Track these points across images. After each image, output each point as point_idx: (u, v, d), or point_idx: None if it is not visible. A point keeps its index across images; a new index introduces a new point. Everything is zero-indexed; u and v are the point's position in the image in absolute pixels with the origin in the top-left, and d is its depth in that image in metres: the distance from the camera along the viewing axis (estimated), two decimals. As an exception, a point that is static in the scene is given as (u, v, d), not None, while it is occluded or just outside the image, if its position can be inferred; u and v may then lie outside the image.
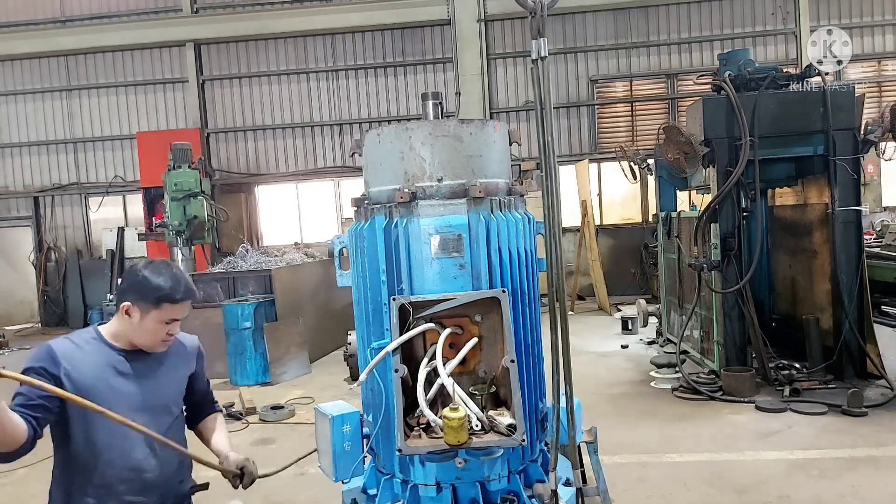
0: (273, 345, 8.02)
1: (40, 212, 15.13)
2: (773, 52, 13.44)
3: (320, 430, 2.77)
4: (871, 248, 7.99)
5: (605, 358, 8.27)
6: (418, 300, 2.47)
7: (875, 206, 13.26)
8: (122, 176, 14.79)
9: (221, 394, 7.65)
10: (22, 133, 15.10)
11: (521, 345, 2.61)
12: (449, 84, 13.86)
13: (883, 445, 4.94)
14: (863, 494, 4.17)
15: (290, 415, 6.55)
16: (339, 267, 2.99)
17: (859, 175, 6.43)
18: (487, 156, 2.62)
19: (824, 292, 6.74)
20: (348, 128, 14.42)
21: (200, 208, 10.34)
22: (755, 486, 4.36)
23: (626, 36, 13.69)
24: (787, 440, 5.16)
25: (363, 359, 2.83)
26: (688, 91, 13.39)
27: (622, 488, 4.39)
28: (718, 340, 6.73)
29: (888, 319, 8.54)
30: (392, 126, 2.61)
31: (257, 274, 8.87)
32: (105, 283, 13.90)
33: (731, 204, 6.56)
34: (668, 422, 5.73)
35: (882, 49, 13.46)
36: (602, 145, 13.89)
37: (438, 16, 13.65)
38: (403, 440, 2.31)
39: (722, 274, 6.57)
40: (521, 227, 2.68)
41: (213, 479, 2.69)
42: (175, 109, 14.74)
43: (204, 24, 14.27)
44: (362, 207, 2.77)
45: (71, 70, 14.84)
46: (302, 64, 14.36)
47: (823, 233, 6.69)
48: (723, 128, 6.53)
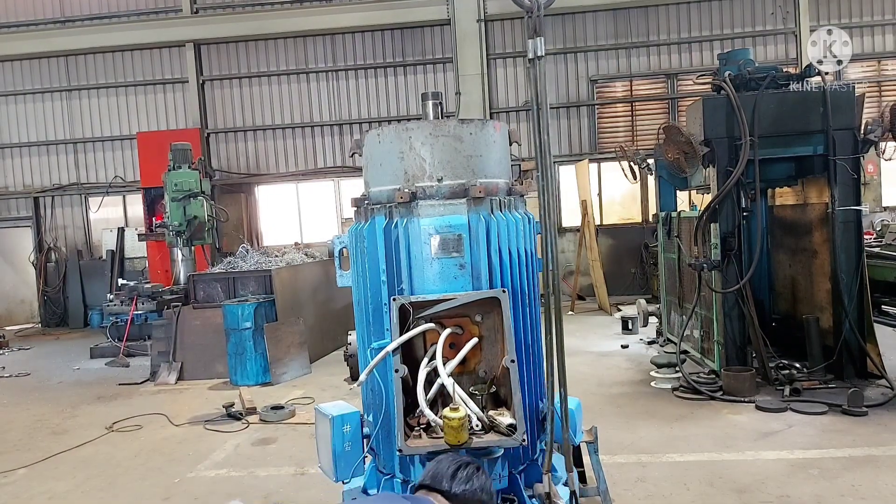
0: (273, 345, 8.02)
1: (40, 212, 15.13)
2: (773, 52, 13.44)
3: (321, 431, 2.77)
4: (871, 248, 7.98)
5: (605, 358, 8.27)
6: (418, 300, 2.47)
7: (875, 205, 13.26)
8: (122, 176, 14.79)
9: (221, 394, 7.66)
10: (22, 133, 15.10)
11: (521, 345, 2.61)
12: (449, 84, 13.86)
13: (883, 445, 4.93)
14: (863, 494, 4.17)
15: (290, 415, 6.55)
16: (340, 267, 2.99)
17: (859, 175, 6.42)
18: (487, 156, 2.63)
19: (824, 292, 6.74)
20: (348, 128, 14.42)
21: (200, 208, 10.34)
22: (755, 486, 4.36)
23: (625, 36, 13.68)
24: (788, 440, 5.15)
25: (363, 359, 2.83)
26: (688, 91, 13.39)
27: (622, 488, 4.39)
28: (718, 340, 6.73)
29: (888, 319, 8.53)
30: (392, 126, 2.61)
31: (257, 274, 8.87)
32: (105, 284, 13.90)
33: (731, 204, 6.55)
34: (668, 422, 5.73)
35: (882, 49, 13.46)
36: (602, 145, 13.89)
37: (438, 16, 13.64)
38: (404, 440, 2.31)
39: (722, 274, 6.57)
40: (521, 227, 2.69)
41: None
42: (175, 109, 14.74)
43: (204, 24, 14.27)
44: (362, 207, 2.77)
45: (71, 70, 14.84)
46: (302, 64, 14.36)
47: (823, 232, 6.69)
48: (723, 128, 6.53)
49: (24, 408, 7.64)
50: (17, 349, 11.79)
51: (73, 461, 5.70)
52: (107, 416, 6.96)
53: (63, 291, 14.73)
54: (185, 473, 5.17)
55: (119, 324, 10.38)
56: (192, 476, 5.10)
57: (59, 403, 7.71)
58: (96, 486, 5.10)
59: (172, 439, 6.14)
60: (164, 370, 8.45)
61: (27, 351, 11.65)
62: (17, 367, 10.08)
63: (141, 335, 10.22)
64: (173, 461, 5.51)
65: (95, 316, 13.71)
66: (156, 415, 6.90)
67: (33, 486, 5.20)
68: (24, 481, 5.32)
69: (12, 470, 5.56)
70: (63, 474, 5.40)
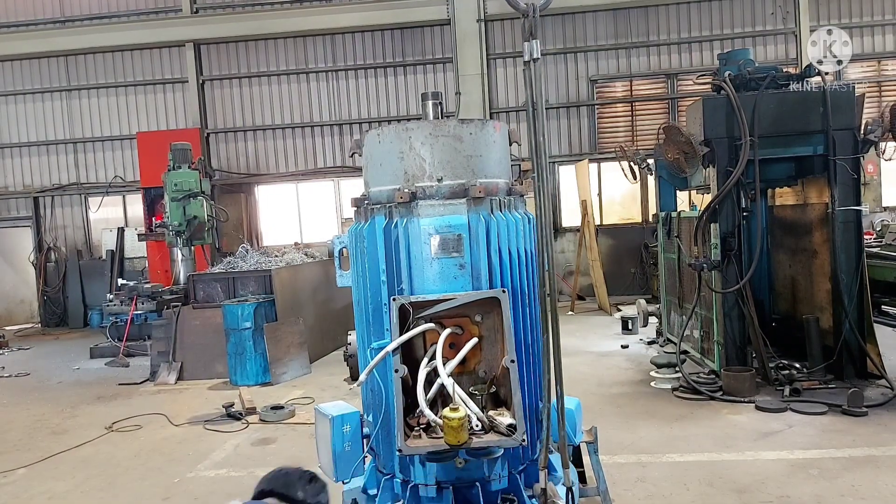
0: (273, 345, 8.02)
1: (40, 212, 15.13)
2: (773, 52, 13.44)
3: (320, 431, 2.77)
4: (871, 248, 7.98)
5: (605, 358, 8.27)
6: (418, 300, 2.47)
7: (875, 205, 13.26)
8: (122, 176, 14.79)
9: (221, 394, 7.66)
10: (22, 133, 15.10)
11: (521, 345, 2.61)
12: (449, 84, 13.86)
13: (883, 445, 4.93)
14: (863, 494, 4.17)
15: (290, 415, 6.54)
16: (339, 267, 2.99)
17: (859, 175, 6.42)
18: (487, 156, 2.63)
19: (824, 292, 6.74)
20: (348, 128, 14.42)
21: (200, 208, 10.34)
22: (755, 486, 4.36)
23: (625, 36, 13.68)
24: (788, 440, 5.15)
25: (363, 359, 2.83)
26: (688, 91, 13.39)
27: (622, 488, 4.39)
28: (718, 340, 6.73)
29: (888, 319, 8.54)
30: (392, 126, 2.61)
31: (257, 274, 8.87)
32: (105, 284, 13.90)
33: (731, 204, 6.55)
34: (668, 422, 5.73)
35: (882, 49, 13.46)
36: (602, 145, 13.89)
37: (438, 16, 13.64)
38: (404, 440, 2.31)
39: (722, 274, 6.57)
40: (521, 227, 2.68)
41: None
42: (175, 109, 14.74)
43: (204, 24, 14.27)
44: (362, 207, 2.77)
45: (71, 70, 14.84)
46: (302, 64, 14.36)
47: (823, 232, 6.69)
48: (723, 128, 6.53)
49: (24, 408, 7.64)
50: (16, 349, 11.79)
51: (73, 461, 5.70)
52: (106, 416, 6.96)
53: (63, 291, 14.73)
54: (184, 473, 5.18)
55: (119, 324, 10.38)
56: (191, 476, 5.11)
57: (58, 403, 7.71)
58: (96, 486, 5.10)
59: (172, 439, 6.14)
60: (163, 370, 8.45)
61: (27, 351, 11.65)
62: (17, 367, 10.08)
63: (141, 335, 10.23)
64: (173, 461, 5.51)
65: (95, 316, 13.71)
66: (155, 415, 6.90)
67: (33, 485, 5.20)
68: (23, 481, 5.32)
69: (12, 470, 5.56)
70: (63, 474, 5.40)
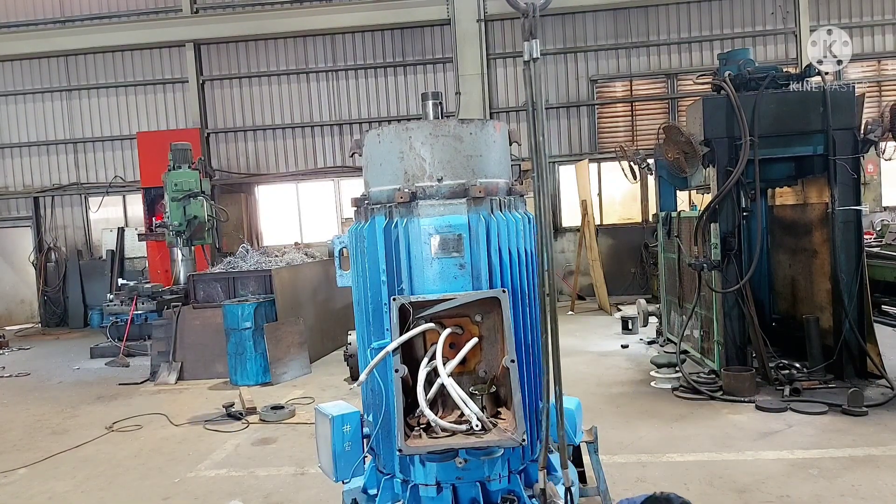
0: (273, 345, 8.03)
1: (40, 212, 15.13)
2: (773, 52, 13.44)
3: (321, 431, 2.77)
4: (871, 248, 7.98)
5: (605, 358, 8.27)
6: (418, 300, 2.47)
7: (875, 205, 13.27)
8: (122, 176, 14.79)
9: (221, 394, 7.66)
10: (22, 133, 15.11)
11: (521, 345, 2.61)
12: (449, 84, 13.86)
13: (883, 445, 4.93)
14: (863, 494, 4.17)
15: (290, 415, 6.55)
16: (339, 267, 2.99)
17: (859, 175, 6.42)
18: (487, 156, 2.63)
19: (824, 292, 6.74)
20: (348, 128, 14.42)
21: (200, 208, 10.34)
22: (755, 486, 4.36)
23: (625, 36, 13.69)
24: (788, 440, 5.15)
25: (363, 359, 2.83)
26: (688, 91, 13.39)
27: (622, 488, 4.39)
28: (718, 340, 6.73)
29: (888, 319, 8.54)
30: (392, 126, 2.61)
31: (257, 274, 8.87)
32: (105, 284, 13.91)
33: (731, 204, 6.55)
34: (668, 422, 5.73)
35: (882, 49, 13.46)
36: (602, 145, 13.89)
37: (438, 16, 13.65)
38: (404, 440, 2.31)
39: (722, 274, 6.57)
40: (521, 227, 2.68)
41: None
42: (175, 109, 14.74)
43: (204, 24, 14.27)
44: (362, 207, 2.77)
45: (71, 70, 14.84)
46: (302, 64, 14.36)
47: (823, 232, 6.69)
48: (723, 127, 6.53)
49: (24, 408, 7.64)
50: (16, 349, 11.79)
51: (73, 461, 5.70)
52: (107, 416, 6.97)
53: (63, 291, 14.73)
54: (184, 473, 5.17)
55: (119, 324, 10.39)
56: (191, 476, 5.10)
57: (59, 403, 7.71)
58: (96, 486, 5.10)
59: (172, 439, 6.14)
60: (164, 370, 8.45)
61: (27, 351, 11.65)
62: (17, 367, 10.08)
63: (141, 335, 10.23)
64: (173, 461, 5.51)
65: (95, 316, 13.71)
66: (156, 415, 6.91)
67: (33, 485, 5.20)
68: (24, 481, 5.32)
69: (12, 470, 5.56)
70: (63, 474, 5.40)
